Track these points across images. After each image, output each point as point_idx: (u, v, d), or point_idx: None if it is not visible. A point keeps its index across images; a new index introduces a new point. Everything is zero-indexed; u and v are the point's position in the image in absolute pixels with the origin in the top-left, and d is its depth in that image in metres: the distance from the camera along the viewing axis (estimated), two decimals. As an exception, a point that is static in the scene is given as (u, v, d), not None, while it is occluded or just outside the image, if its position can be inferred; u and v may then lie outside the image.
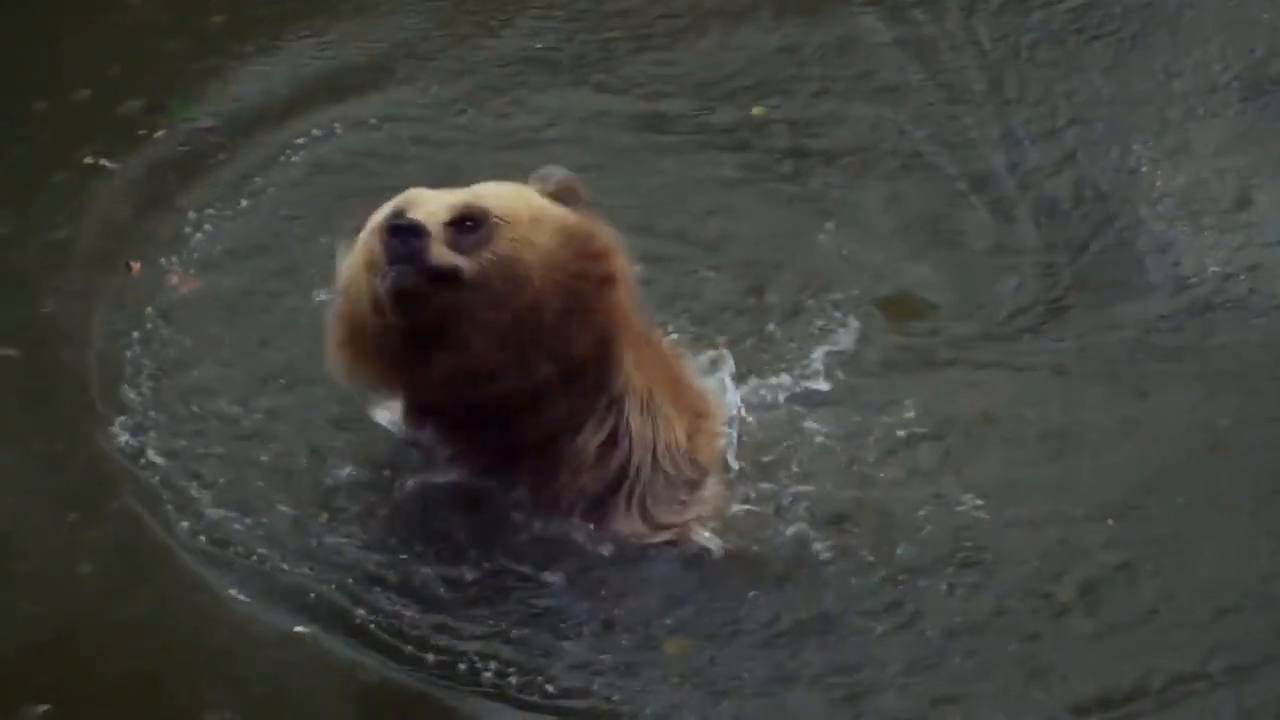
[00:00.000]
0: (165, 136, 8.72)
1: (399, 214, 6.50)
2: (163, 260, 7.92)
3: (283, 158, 8.62)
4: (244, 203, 8.30)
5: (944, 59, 9.32)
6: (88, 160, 8.53)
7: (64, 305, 7.71)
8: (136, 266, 7.88)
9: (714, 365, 7.22)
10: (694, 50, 9.40)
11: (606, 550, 6.63)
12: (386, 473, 6.83)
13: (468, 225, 6.48)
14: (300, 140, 8.73)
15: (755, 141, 8.83)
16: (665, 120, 8.94)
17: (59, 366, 7.42)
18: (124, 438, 7.05)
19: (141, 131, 8.74)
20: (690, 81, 9.19)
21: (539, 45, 9.42)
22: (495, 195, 6.58)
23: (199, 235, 8.07)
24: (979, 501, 6.88)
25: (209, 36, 9.35)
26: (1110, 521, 6.85)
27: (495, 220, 6.49)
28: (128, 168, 8.51)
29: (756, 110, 9.02)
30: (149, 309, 7.63)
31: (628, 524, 6.69)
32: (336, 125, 8.82)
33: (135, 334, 7.50)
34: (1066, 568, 6.68)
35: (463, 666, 6.38)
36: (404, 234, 6.39)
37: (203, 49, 9.26)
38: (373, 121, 8.87)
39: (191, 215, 8.20)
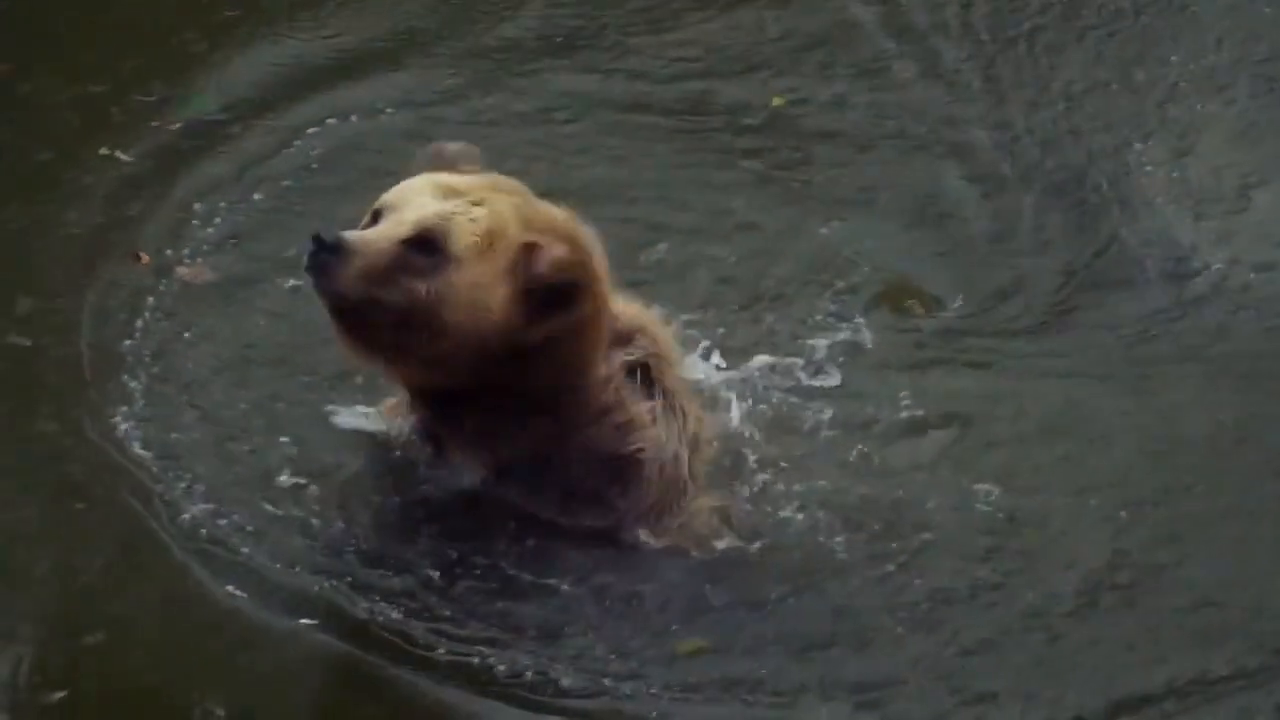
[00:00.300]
0: (179, 129, 8.54)
1: (379, 211, 6.09)
2: (170, 252, 7.72)
3: (293, 148, 8.43)
4: (256, 196, 8.10)
5: (947, 55, 9.14)
6: (102, 152, 8.34)
7: (74, 297, 7.51)
8: (145, 258, 7.69)
9: (713, 358, 7.03)
10: (705, 42, 9.19)
11: (614, 552, 6.35)
12: (386, 471, 6.59)
13: (423, 248, 5.95)
14: (312, 130, 8.52)
15: (764, 132, 8.62)
16: (673, 109, 8.74)
17: (68, 357, 7.22)
18: (124, 429, 6.84)
19: (155, 124, 8.55)
20: (700, 69, 8.99)
21: (549, 31, 9.20)
22: (470, 224, 6.01)
23: (209, 228, 7.89)
24: (987, 497, 6.72)
25: (222, 30, 9.17)
26: (1123, 514, 6.69)
27: (451, 254, 5.95)
28: (141, 160, 8.33)
29: (776, 101, 8.82)
30: (152, 300, 7.44)
31: (632, 526, 6.35)
32: (351, 114, 8.62)
33: (139, 325, 7.31)
34: (1076, 563, 6.53)
35: (474, 662, 6.17)
36: (324, 249, 5.89)
37: (216, 42, 9.09)
38: (387, 110, 8.65)
39: (201, 207, 8.01)
